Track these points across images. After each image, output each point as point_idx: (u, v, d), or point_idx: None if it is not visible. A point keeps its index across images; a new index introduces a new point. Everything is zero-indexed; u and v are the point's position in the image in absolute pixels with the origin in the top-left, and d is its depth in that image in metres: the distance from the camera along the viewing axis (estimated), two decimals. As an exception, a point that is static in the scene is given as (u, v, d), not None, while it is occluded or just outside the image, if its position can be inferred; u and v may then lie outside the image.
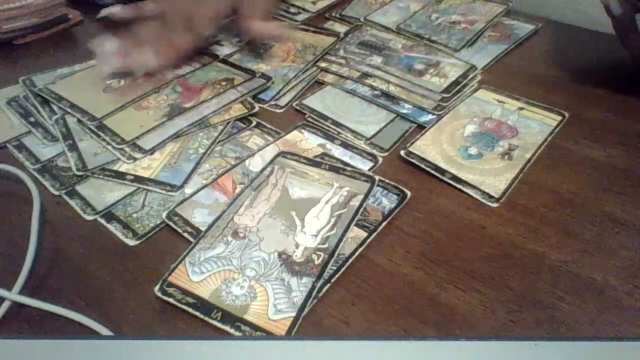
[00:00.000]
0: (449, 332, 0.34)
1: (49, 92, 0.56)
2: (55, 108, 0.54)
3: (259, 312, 0.35)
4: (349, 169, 0.46)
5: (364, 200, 0.42)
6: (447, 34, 0.68)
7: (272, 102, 0.57)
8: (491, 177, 0.46)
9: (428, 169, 0.47)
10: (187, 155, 0.49)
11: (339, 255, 0.38)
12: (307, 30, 0.71)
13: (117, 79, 0.58)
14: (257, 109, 0.55)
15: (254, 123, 0.54)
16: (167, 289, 0.36)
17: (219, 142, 0.51)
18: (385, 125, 0.53)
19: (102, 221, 0.42)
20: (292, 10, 0.78)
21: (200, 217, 0.42)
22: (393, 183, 0.45)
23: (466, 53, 0.65)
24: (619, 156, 0.49)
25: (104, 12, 0.60)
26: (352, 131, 0.52)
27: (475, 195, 0.44)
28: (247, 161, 0.48)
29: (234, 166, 0.48)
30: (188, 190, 0.45)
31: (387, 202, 0.44)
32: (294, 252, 0.39)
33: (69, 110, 0.54)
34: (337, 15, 0.75)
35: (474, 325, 0.34)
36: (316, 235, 0.40)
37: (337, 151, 0.50)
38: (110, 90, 0.57)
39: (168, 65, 0.58)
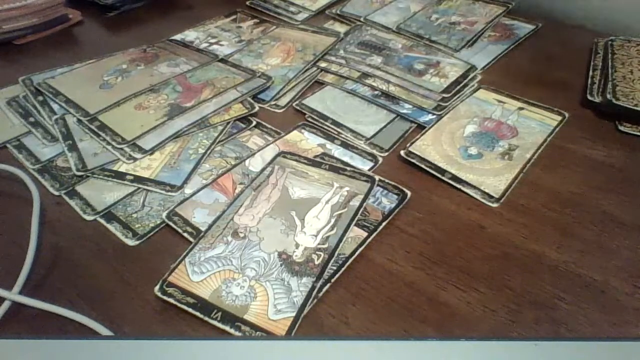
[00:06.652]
0: (449, 332, 0.34)
1: (47, 87, 0.57)
2: (55, 107, 0.55)
3: (259, 312, 0.35)
4: (349, 169, 0.46)
5: (364, 200, 0.42)
6: (447, 34, 0.68)
7: (272, 102, 0.57)
8: (491, 177, 0.46)
9: (428, 169, 0.47)
10: (187, 155, 0.49)
11: (339, 255, 0.38)
12: (307, 30, 0.71)
13: (114, 75, 0.59)
14: (257, 109, 0.55)
15: (254, 123, 0.54)
16: (167, 289, 0.36)
17: (219, 142, 0.51)
18: (385, 125, 0.53)
19: (102, 221, 0.42)
20: (292, 9, 0.78)
21: (200, 217, 0.42)
22: (393, 183, 0.45)
23: (466, 53, 0.65)
24: (619, 156, 0.49)
25: None
26: (352, 131, 0.52)
27: (475, 195, 0.44)
28: (247, 161, 0.48)
29: (234, 166, 0.48)
30: (188, 190, 0.45)
31: (387, 202, 0.44)
32: (294, 252, 0.39)
33: (63, 105, 0.54)
34: (337, 12, 0.75)
35: (474, 325, 0.34)
36: (316, 235, 0.40)
37: (337, 151, 0.50)
38: (107, 86, 0.57)
39: None
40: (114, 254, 0.40)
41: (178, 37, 0.70)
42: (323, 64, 0.63)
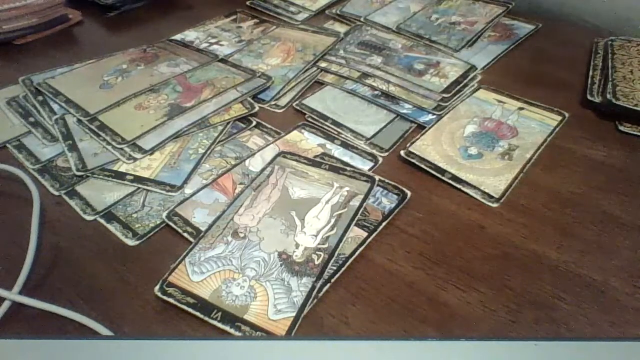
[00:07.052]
0: (449, 332, 0.34)
1: (47, 87, 0.57)
2: (55, 107, 0.55)
3: (259, 312, 0.35)
4: (349, 169, 0.46)
5: (364, 200, 0.42)
6: (447, 34, 0.68)
7: (272, 102, 0.57)
8: (491, 177, 0.46)
9: (428, 169, 0.47)
10: (187, 155, 0.49)
11: (339, 255, 0.38)
12: (307, 30, 0.71)
13: (114, 75, 0.59)
14: (257, 109, 0.55)
15: (254, 123, 0.54)
16: (167, 289, 0.36)
17: (219, 142, 0.51)
18: (385, 125, 0.53)
19: (102, 221, 0.42)
20: (292, 9, 0.78)
21: (200, 217, 0.42)
22: (393, 183, 0.45)
23: (466, 53, 0.65)
24: (619, 156, 0.49)
25: None
26: (352, 131, 0.52)
27: (475, 195, 0.44)
28: (247, 161, 0.48)
29: (234, 166, 0.48)
30: (188, 190, 0.45)
31: (387, 202, 0.44)
32: (294, 252, 0.39)
33: (64, 105, 0.54)
34: (337, 12, 0.75)
35: (474, 325, 0.34)
36: (316, 235, 0.40)
37: (337, 151, 0.50)
38: (107, 86, 0.57)
39: None
40: (114, 254, 0.40)
41: (178, 37, 0.70)
42: (323, 64, 0.63)
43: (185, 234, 0.41)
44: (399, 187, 0.45)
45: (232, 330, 0.34)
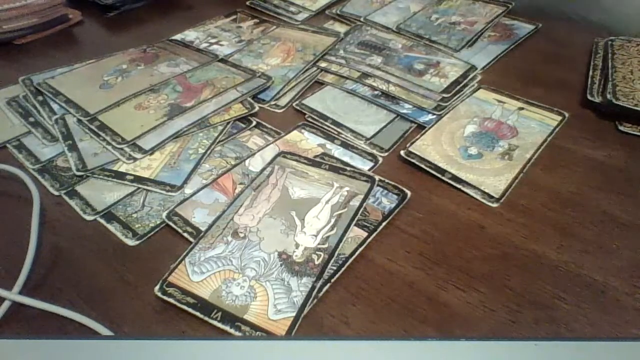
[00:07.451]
0: (449, 332, 0.34)
1: (47, 87, 0.57)
2: (55, 107, 0.55)
3: (259, 312, 0.35)
4: (349, 169, 0.46)
5: (364, 200, 0.42)
6: (447, 34, 0.68)
7: (272, 102, 0.57)
8: (491, 177, 0.46)
9: (428, 169, 0.47)
10: (187, 155, 0.49)
11: (339, 255, 0.38)
12: (307, 30, 0.71)
13: (114, 75, 0.59)
14: (257, 109, 0.55)
15: (254, 123, 0.54)
16: (167, 289, 0.36)
17: (219, 142, 0.51)
18: (385, 125, 0.53)
19: (102, 221, 0.42)
20: (292, 9, 0.78)
21: (200, 217, 0.42)
22: (393, 183, 0.45)
23: (466, 53, 0.65)
24: (619, 156, 0.49)
25: None
26: (352, 131, 0.52)
27: (475, 195, 0.44)
28: (247, 161, 0.48)
29: (234, 166, 0.48)
30: (188, 190, 0.45)
31: (387, 202, 0.44)
32: (294, 252, 0.39)
33: (64, 105, 0.54)
34: (337, 12, 0.75)
35: (474, 325, 0.34)
36: (316, 235, 0.40)
37: (337, 151, 0.50)
38: (107, 86, 0.57)
39: None
40: (114, 254, 0.40)
41: (178, 37, 0.70)
42: (323, 64, 0.63)
43: (185, 234, 0.41)
44: (399, 187, 0.45)
45: (232, 330, 0.34)
